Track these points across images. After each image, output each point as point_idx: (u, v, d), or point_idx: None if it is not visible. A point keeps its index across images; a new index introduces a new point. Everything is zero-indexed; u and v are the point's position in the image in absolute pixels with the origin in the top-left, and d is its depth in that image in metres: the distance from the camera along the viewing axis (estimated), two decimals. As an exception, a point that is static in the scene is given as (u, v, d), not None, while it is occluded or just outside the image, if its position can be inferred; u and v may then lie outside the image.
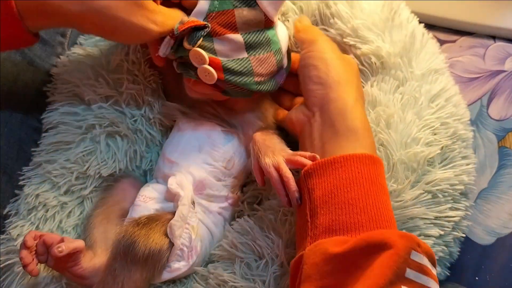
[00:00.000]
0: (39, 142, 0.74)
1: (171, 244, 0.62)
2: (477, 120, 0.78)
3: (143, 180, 0.74)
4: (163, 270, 0.63)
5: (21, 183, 0.72)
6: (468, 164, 0.64)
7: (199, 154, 0.67)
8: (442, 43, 0.84)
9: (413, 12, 0.71)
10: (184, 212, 0.62)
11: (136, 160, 0.73)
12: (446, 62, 0.69)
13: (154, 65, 0.68)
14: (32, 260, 0.61)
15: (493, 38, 0.83)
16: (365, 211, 0.52)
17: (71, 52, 0.76)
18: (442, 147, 0.62)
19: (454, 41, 0.84)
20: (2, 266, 0.68)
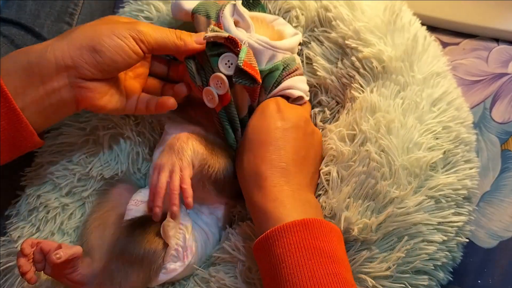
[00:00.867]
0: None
1: (165, 245, 0.62)
2: (480, 123, 0.78)
3: (142, 184, 0.74)
4: (160, 272, 0.63)
5: (22, 183, 0.72)
6: (471, 168, 0.63)
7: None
8: (445, 45, 0.83)
9: (416, 14, 0.71)
10: None
11: (138, 162, 0.74)
12: (449, 64, 0.69)
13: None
14: (30, 268, 0.60)
15: (496, 40, 0.82)
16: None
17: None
18: (445, 152, 0.61)
19: (458, 43, 0.84)
20: (2, 268, 0.68)
